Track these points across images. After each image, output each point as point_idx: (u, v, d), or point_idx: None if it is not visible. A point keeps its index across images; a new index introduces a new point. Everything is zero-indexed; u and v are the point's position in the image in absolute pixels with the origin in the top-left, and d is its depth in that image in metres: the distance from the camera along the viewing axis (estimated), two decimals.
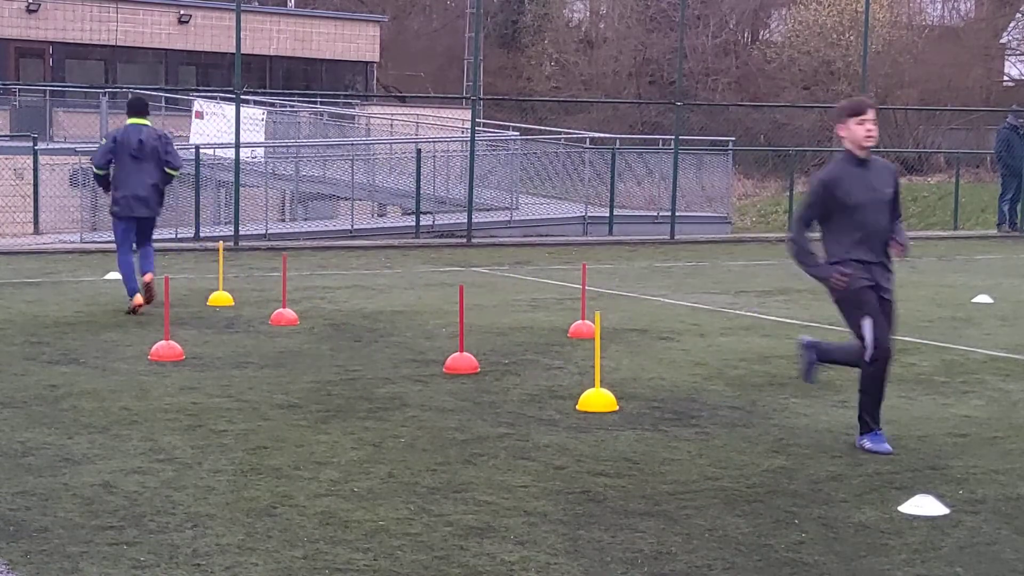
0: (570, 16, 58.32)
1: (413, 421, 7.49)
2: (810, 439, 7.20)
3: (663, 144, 29.83)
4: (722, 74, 49.14)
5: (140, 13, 40.45)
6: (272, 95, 35.18)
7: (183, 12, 41.01)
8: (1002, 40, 48.78)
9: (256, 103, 30.84)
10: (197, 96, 31.28)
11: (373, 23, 46.19)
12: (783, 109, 43.62)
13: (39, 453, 6.60)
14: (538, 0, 53.92)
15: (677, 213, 22.91)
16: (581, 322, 10.85)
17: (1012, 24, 49.08)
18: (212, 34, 40.93)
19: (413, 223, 22.58)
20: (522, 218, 24.71)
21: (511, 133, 28.20)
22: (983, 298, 13.69)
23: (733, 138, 31.54)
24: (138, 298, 11.85)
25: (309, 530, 5.40)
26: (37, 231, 21.02)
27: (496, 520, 5.58)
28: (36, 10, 39.02)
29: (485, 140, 26.84)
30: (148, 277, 11.98)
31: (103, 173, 12.30)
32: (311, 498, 5.86)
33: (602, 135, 33.29)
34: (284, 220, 27.26)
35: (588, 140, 28.54)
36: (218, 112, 28.37)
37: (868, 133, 6.91)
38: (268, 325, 11.16)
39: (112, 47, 39.87)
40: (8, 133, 33.26)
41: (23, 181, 22.91)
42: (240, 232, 19.66)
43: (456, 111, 37.08)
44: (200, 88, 37.32)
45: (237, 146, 19.63)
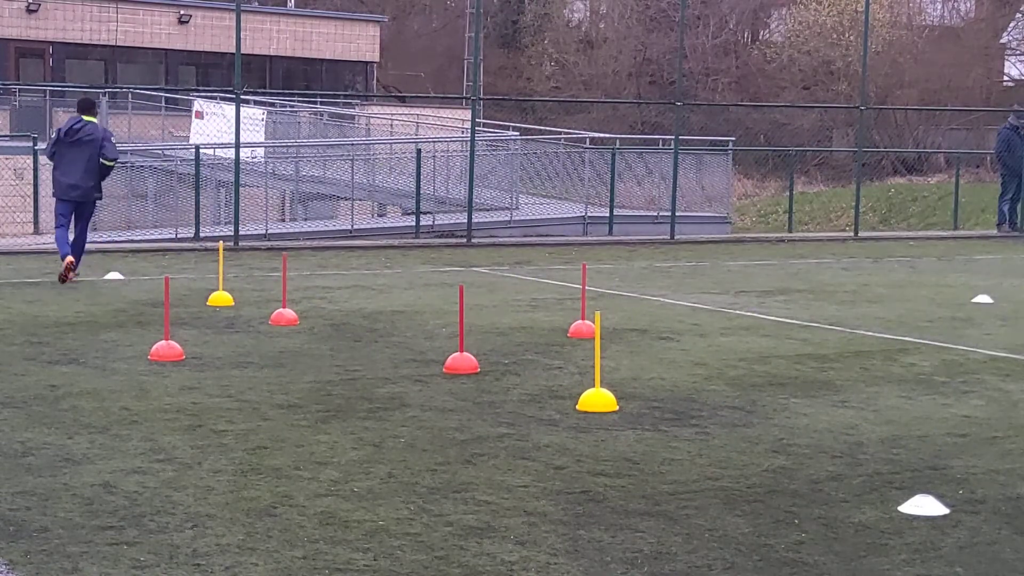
0: (570, 16, 58.34)
1: (413, 421, 7.49)
2: (810, 439, 7.20)
3: (663, 144, 29.84)
4: (722, 74, 49.16)
5: (140, 13, 40.45)
6: (272, 95, 35.19)
7: (183, 12, 41.01)
8: (1002, 40, 48.79)
9: (256, 103, 30.84)
10: (197, 96, 31.29)
11: (373, 23, 46.19)
12: (783, 109, 43.63)
13: (39, 453, 6.60)
14: (538, 0, 53.94)
15: (677, 213, 22.91)
16: (581, 322, 10.84)
17: (1012, 24, 49.09)
18: (212, 34, 40.94)
19: (413, 223, 22.58)
20: (522, 218, 24.71)
21: (511, 133, 28.19)
22: (983, 298, 13.67)
23: (733, 138, 31.55)
24: (69, 258, 13.72)
25: (309, 530, 5.40)
26: (37, 231, 21.02)
27: (496, 520, 5.58)
28: (36, 10, 39.03)
29: (485, 140, 26.82)
30: (68, 260, 13.75)
31: (52, 162, 14.25)
32: (311, 498, 5.86)
33: (602, 135, 33.32)
34: (284, 220, 27.26)
35: (588, 140, 28.53)
36: (218, 112, 28.37)
37: None
38: (268, 325, 11.16)
39: (112, 47, 39.89)
40: (8, 133, 33.26)
41: (23, 181, 22.91)
42: (240, 232, 19.66)
43: (456, 111, 37.09)
44: (200, 88, 37.34)
45: (237, 146, 19.62)
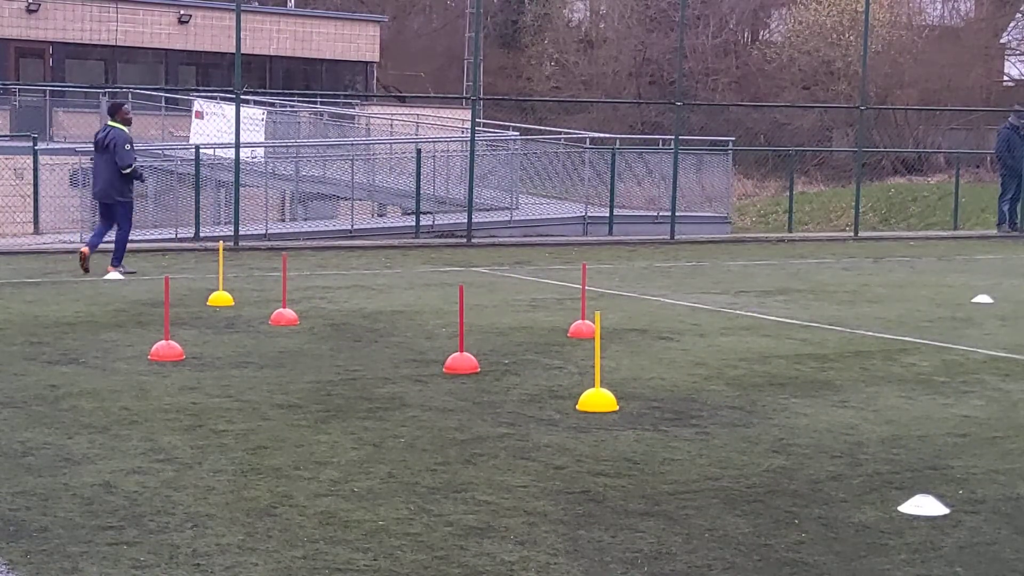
0: (570, 16, 58.31)
1: (413, 421, 7.49)
2: (810, 439, 7.19)
3: (663, 144, 29.84)
4: (722, 74, 49.14)
5: (140, 13, 40.43)
6: (272, 95, 35.17)
7: (183, 12, 40.99)
8: (1002, 40, 48.75)
9: (256, 103, 30.84)
10: (197, 96, 31.28)
11: (373, 23, 46.17)
12: (783, 109, 43.60)
13: (39, 453, 6.60)
14: (538, 0, 53.92)
15: (677, 213, 22.91)
16: (581, 322, 10.84)
17: (1012, 24, 49.05)
18: (212, 34, 40.92)
19: (413, 223, 22.57)
20: (522, 218, 24.70)
21: (511, 133, 28.19)
22: (983, 298, 13.67)
23: (733, 138, 31.55)
24: (85, 249, 15.14)
25: (309, 530, 5.40)
26: (37, 231, 21.03)
27: (496, 520, 5.58)
28: (36, 10, 39.01)
29: (485, 140, 26.82)
30: (85, 250, 15.12)
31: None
32: (311, 498, 5.86)
33: (602, 135, 33.30)
34: (284, 220, 27.26)
35: (588, 140, 28.52)
36: (218, 112, 28.37)
37: None
38: (268, 325, 11.16)
39: (112, 47, 39.86)
40: (8, 133, 33.25)
41: (23, 181, 22.92)
42: (240, 232, 19.66)
43: (456, 111, 37.08)
44: (200, 88, 37.33)
45: (237, 146, 19.62)
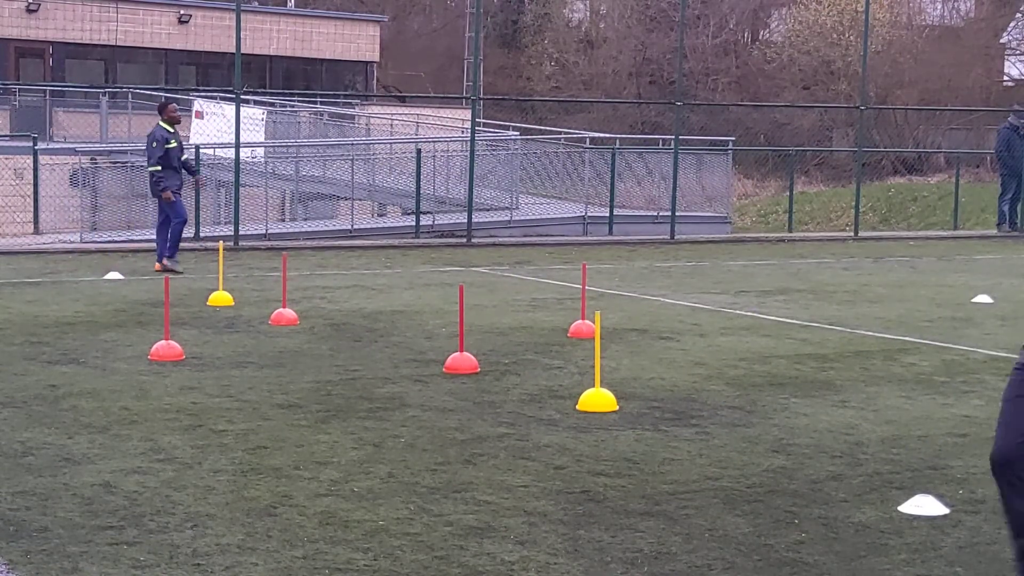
0: (570, 16, 58.29)
1: (413, 421, 7.49)
2: (810, 439, 7.19)
3: (663, 144, 29.81)
4: (722, 74, 49.13)
5: (140, 13, 40.42)
6: (272, 95, 35.16)
7: (183, 12, 40.99)
8: (1002, 40, 48.74)
9: (256, 103, 30.83)
10: (197, 96, 31.26)
11: (373, 23, 46.16)
12: (783, 109, 43.59)
13: (39, 453, 6.60)
14: (538, 0, 53.92)
15: (677, 213, 22.91)
16: (581, 322, 10.84)
17: (1012, 24, 49.04)
18: (212, 34, 40.91)
19: (413, 223, 22.57)
20: (522, 218, 24.69)
21: (511, 133, 28.17)
22: (983, 298, 13.67)
23: (733, 138, 31.53)
24: (157, 265, 15.55)
25: (309, 530, 5.40)
26: (37, 231, 21.02)
27: (496, 520, 5.58)
28: (36, 10, 39.01)
29: (485, 140, 26.81)
30: (157, 266, 15.54)
31: None
32: (311, 498, 5.86)
33: (602, 135, 33.28)
34: (284, 220, 27.25)
35: (588, 140, 28.51)
36: (218, 112, 28.36)
37: None
38: (268, 325, 11.16)
39: (112, 47, 39.84)
40: (8, 133, 33.24)
41: (23, 181, 22.91)
42: (240, 232, 19.66)
43: (456, 111, 37.06)
44: (200, 88, 37.30)
45: (237, 146, 19.62)
